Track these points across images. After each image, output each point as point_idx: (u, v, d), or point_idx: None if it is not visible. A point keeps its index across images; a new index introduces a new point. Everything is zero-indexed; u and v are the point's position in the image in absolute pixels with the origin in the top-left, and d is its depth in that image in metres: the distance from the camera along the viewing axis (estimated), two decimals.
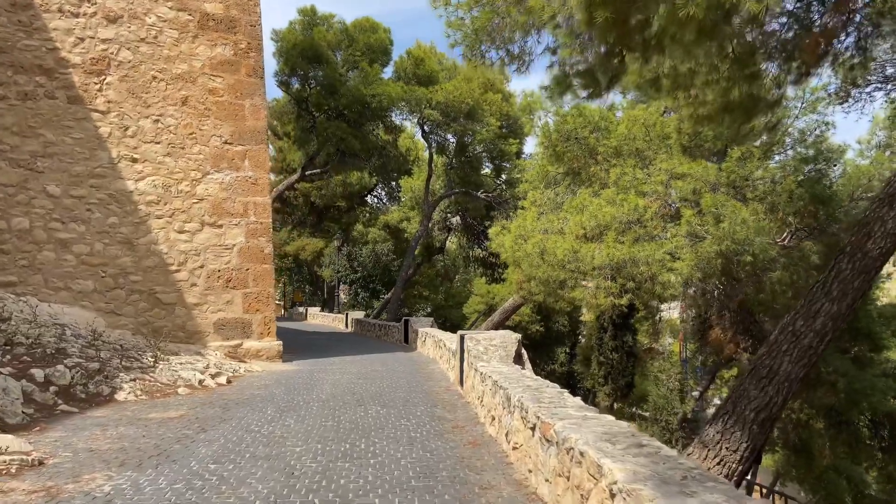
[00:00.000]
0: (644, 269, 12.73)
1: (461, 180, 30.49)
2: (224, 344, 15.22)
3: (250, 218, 15.80)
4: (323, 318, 40.90)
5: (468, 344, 10.08)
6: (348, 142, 25.59)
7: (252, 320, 15.61)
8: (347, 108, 26.41)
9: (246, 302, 15.61)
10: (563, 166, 17.30)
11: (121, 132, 14.91)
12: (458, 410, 9.04)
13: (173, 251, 15.10)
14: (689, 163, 13.65)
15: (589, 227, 14.37)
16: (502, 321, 21.48)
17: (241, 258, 15.65)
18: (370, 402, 9.58)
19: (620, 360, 20.29)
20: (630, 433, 4.56)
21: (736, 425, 7.50)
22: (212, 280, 15.36)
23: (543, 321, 28.95)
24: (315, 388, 10.90)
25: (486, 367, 8.58)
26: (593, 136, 16.12)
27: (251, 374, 13.02)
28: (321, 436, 7.17)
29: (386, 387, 11.24)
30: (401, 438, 7.13)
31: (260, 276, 15.77)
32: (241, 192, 15.78)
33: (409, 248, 31.24)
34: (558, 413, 5.32)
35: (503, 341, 10.10)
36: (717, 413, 8.12)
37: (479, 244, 36.35)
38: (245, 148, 15.87)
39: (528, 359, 12.55)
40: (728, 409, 7.81)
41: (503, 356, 9.62)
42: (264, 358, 15.49)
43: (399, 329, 23.55)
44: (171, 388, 10.19)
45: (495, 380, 7.43)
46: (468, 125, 27.30)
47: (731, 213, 12.48)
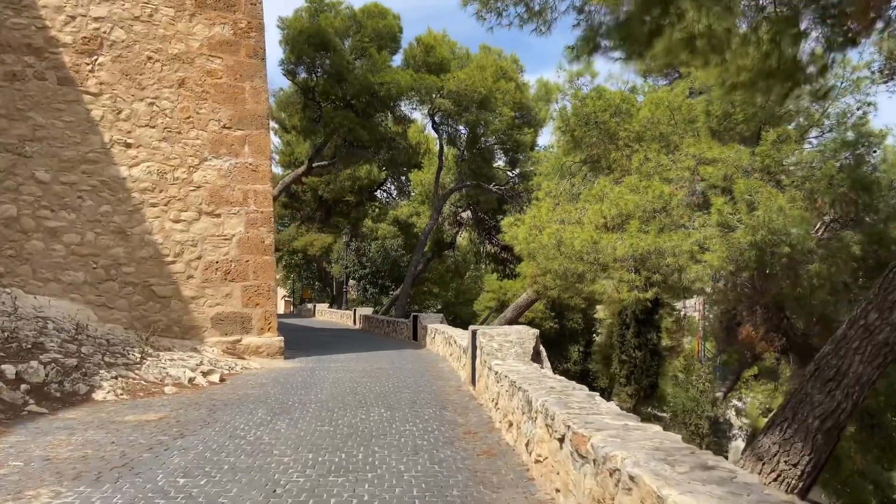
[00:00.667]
0: (671, 261, 11.77)
1: (473, 173, 29.52)
2: (222, 340, 14.39)
3: (250, 207, 14.96)
4: (331, 315, 40.11)
5: (481, 340, 9.18)
6: (356, 132, 24.71)
7: (252, 315, 14.78)
8: (355, 98, 25.53)
9: (245, 295, 14.78)
10: (581, 153, 16.35)
11: (114, 115, 14.11)
12: (469, 414, 8.13)
13: (169, 241, 14.30)
14: (719, 147, 12.65)
15: (610, 217, 13.42)
16: (515, 318, 20.54)
17: (240, 249, 14.81)
18: (373, 403, 8.70)
19: (644, 359, 19.21)
20: (689, 450, 3.64)
21: (797, 435, 6.54)
22: (209, 272, 14.54)
23: (557, 318, 28.00)
24: (314, 388, 10.03)
25: (502, 365, 7.67)
26: (614, 121, 15.15)
27: (248, 372, 12.18)
28: (314, 443, 6.28)
29: (391, 386, 10.36)
30: (405, 447, 6.24)
31: (260, 269, 14.93)
32: (241, 180, 14.94)
33: (419, 243, 30.35)
34: (593, 422, 4.40)
35: (519, 337, 9.19)
36: (774, 421, 7.15)
37: (490, 239, 35.38)
38: (245, 133, 15.03)
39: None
40: (787, 416, 6.84)
41: (520, 353, 8.71)
42: (265, 354, 14.66)
43: (408, 326, 22.68)
44: (157, 387, 9.35)
45: (512, 380, 6.52)
46: (480, 115, 26.34)
47: (767, 201, 11.48)
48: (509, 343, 9.03)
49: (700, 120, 14.08)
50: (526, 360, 8.47)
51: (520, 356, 8.65)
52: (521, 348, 8.90)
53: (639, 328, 19.41)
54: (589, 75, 15.53)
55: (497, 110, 26.45)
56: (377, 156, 30.05)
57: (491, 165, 29.85)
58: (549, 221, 14.55)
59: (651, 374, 19.25)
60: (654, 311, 19.11)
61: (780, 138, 12.54)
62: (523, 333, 9.34)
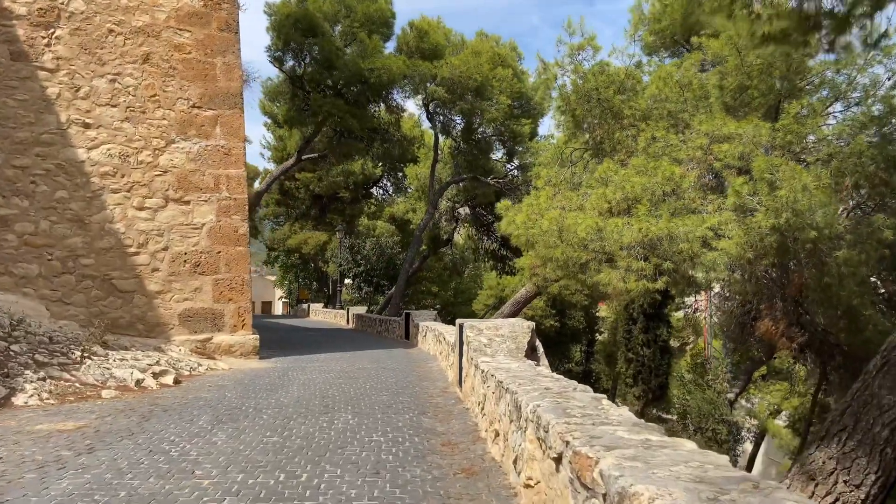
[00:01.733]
0: (685, 247, 10.51)
1: (469, 165, 28.28)
2: (191, 338, 13.16)
3: (222, 193, 13.74)
4: (325, 315, 38.90)
5: (468, 334, 7.94)
6: (345, 121, 23.48)
7: (224, 311, 13.55)
8: (345, 86, 24.32)
9: (217, 290, 13.55)
10: (583, 135, 15.09)
11: (71, 93, 12.91)
12: (452, 420, 6.89)
13: (132, 231, 13.08)
14: (735, 122, 11.39)
15: (615, 201, 12.17)
16: (513, 314, 19.29)
17: (211, 239, 13.59)
18: (341, 408, 7.46)
19: (653, 357, 17.76)
20: (749, 482, 2.40)
21: (860, 448, 5.29)
22: (177, 264, 13.32)
23: (558, 316, 26.73)
24: (280, 390, 8.79)
25: (489, 362, 6.43)
26: (618, 98, 13.88)
27: (213, 374, 10.95)
28: (251, 460, 5.05)
29: (368, 388, 9.11)
30: (364, 464, 5.00)
31: (233, 260, 13.70)
32: (212, 164, 13.72)
33: (414, 239, 29.09)
34: (601, 436, 3.17)
35: (512, 331, 7.95)
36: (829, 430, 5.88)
37: (489, 235, 34.14)
38: (216, 113, 13.81)
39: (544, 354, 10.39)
40: (846, 423, 5.59)
41: (512, 349, 7.47)
42: (238, 354, 13.43)
43: (400, 324, 21.45)
44: (95, 390, 8.12)
45: (500, 380, 5.29)
46: (476, 103, 25.09)
47: (791, 179, 10.22)
48: (500, 338, 7.79)
49: (713, 95, 12.82)
50: (519, 357, 7.24)
51: (512, 352, 7.42)
52: (514, 343, 7.67)
53: (647, 323, 17.92)
54: (591, 48, 14.28)
55: (494, 99, 25.20)
56: (370, 149, 28.83)
57: (488, 157, 28.61)
58: (549, 209, 13.31)
59: (661, 374, 17.76)
60: (663, 305, 17.67)
61: (803, 111, 11.30)
62: (516, 327, 8.10)
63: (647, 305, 17.02)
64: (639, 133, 13.70)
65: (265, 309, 79.58)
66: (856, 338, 13.48)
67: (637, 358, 17.75)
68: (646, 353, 17.63)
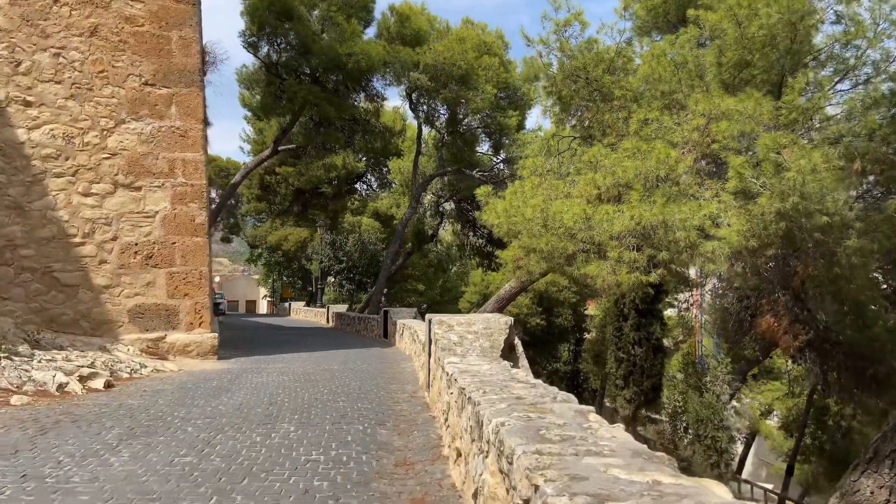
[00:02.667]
0: (682, 236, 9.52)
1: (454, 158, 27.19)
2: (142, 337, 12.03)
3: (178, 178, 12.61)
4: (306, 314, 37.76)
5: (436, 331, 6.90)
6: (323, 108, 22.32)
7: (179, 307, 12.42)
8: (323, 73, 23.17)
9: (171, 284, 12.42)
10: (570, 118, 14.08)
11: (11, 68, 11.75)
12: (414, 432, 5.84)
13: (77, 219, 11.94)
14: (734, 99, 10.40)
15: (605, 187, 11.16)
16: (497, 311, 18.25)
17: (165, 229, 12.46)
18: (286, 417, 6.39)
19: (646, 357, 16.58)
20: None
21: None
22: (127, 256, 12.18)
23: (545, 314, 25.72)
24: (223, 396, 7.70)
25: (457, 364, 5.39)
26: (608, 78, 12.88)
27: (157, 376, 9.83)
28: (142, 490, 3.97)
29: (326, 393, 8.04)
30: (288, 494, 3.94)
31: (190, 252, 12.58)
32: (167, 146, 12.59)
33: (396, 234, 27.96)
34: (586, 475, 2.12)
35: (487, 327, 6.90)
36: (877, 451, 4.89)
37: (474, 231, 33.12)
38: (171, 91, 12.68)
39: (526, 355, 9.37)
40: None
41: (486, 348, 6.43)
42: (194, 354, 12.30)
43: (378, 323, 20.39)
44: (5, 395, 7.00)
45: (462, 386, 4.24)
46: (461, 92, 24.00)
47: (799, 159, 9.24)
48: (473, 335, 6.75)
49: (710, 73, 11.84)
50: (493, 357, 6.19)
51: (486, 352, 6.37)
52: (489, 341, 6.62)
53: (639, 320, 16.69)
54: (578, 24, 13.24)
55: (479, 88, 24.12)
56: (351, 141, 27.66)
57: (473, 150, 27.53)
58: (534, 196, 12.29)
59: (653, 375, 16.56)
60: (655, 300, 16.52)
61: (809, 87, 10.34)
62: (492, 323, 7.05)
63: (639, 301, 15.89)
64: (630, 115, 12.71)
65: (249, 308, 78.40)
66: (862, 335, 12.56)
67: (628, 357, 16.55)
68: (637, 353, 16.43)
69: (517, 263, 13.15)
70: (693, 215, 9.86)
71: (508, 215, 11.59)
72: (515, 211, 11.53)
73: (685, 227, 9.82)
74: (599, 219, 10.83)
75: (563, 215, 10.92)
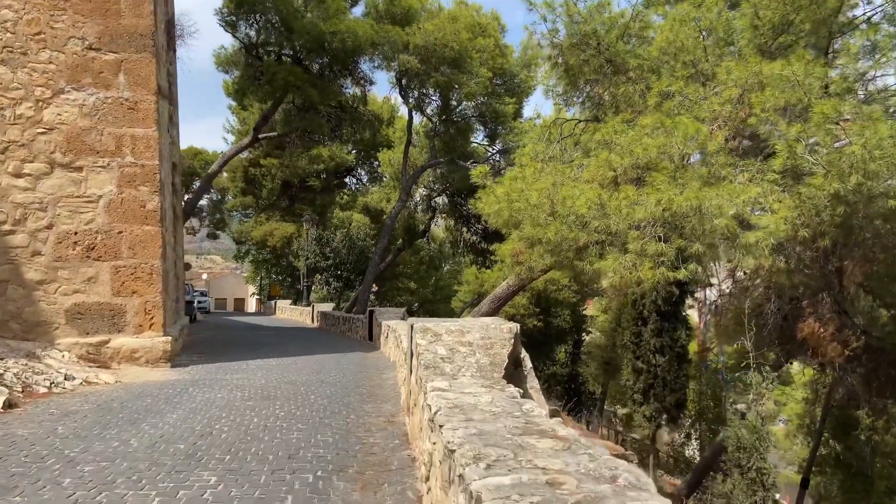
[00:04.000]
0: (720, 225, 7.90)
1: (446, 147, 25.50)
2: (81, 341, 10.32)
3: (126, 158, 10.89)
4: (291, 313, 35.99)
5: (419, 342, 5.23)
6: (305, 91, 20.61)
7: (126, 306, 10.71)
8: (305, 54, 21.48)
9: (118, 280, 10.71)
10: (578, 93, 12.46)
11: None
12: (384, 486, 4.19)
13: (6, 203, 10.24)
14: (779, 63, 8.79)
15: (622, 168, 9.55)
16: (492, 312, 16.59)
17: (110, 216, 10.75)
18: (212, 460, 4.72)
19: (668, 367, 14.69)
20: None
21: None
22: (65, 247, 10.47)
23: (543, 314, 24.08)
24: (146, 423, 6.02)
25: (445, 393, 3.74)
26: (622, 45, 11.27)
27: (84, 391, 8.13)
28: None
29: (282, 416, 6.38)
30: None
31: (139, 243, 10.87)
32: (113, 121, 10.87)
33: (385, 228, 26.22)
34: None
35: (485, 337, 5.25)
36: None
37: (468, 227, 31.45)
38: (120, 57, 10.96)
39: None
40: None
41: (484, 366, 4.78)
42: (142, 361, 10.59)
43: (364, 323, 18.73)
44: None
45: (448, 442, 2.58)
46: (454, 76, 22.31)
47: (863, 132, 7.63)
48: (467, 347, 5.09)
49: (743, 38, 10.23)
50: (493, 378, 4.54)
51: (484, 370, 4.72)
52: (488, 356, 4.97)
53: (661, 324, 14.88)
54: None
55: (473, 71, 22.47)
56: (338, 129, 25.94)
57: (467, 139, 25.85)
58: (538, 180, 10.66)
59: (678, 388, 14.66)
60: (680, 301, 14.70)
61: (867, 46, 8.75)
62: (492, 331, 5.39)
63: (662, 301, 14.11)
64: (648, 88, 11.09)
65: (238, 306, 76.65)
66: None
67: (648, 368, 14.65)
68: (659, 362, 14.53)
69: (517, 258, 11.51)
70: (732, 200, 8.24)
71: (510, 200, 9.95)
72: (518, 195, 9.88)
73: (722, 214, 8.19)
74: (617, 205, 9.21)
75: (574, 201, 9.29)
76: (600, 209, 9.20)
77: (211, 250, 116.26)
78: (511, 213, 9.91)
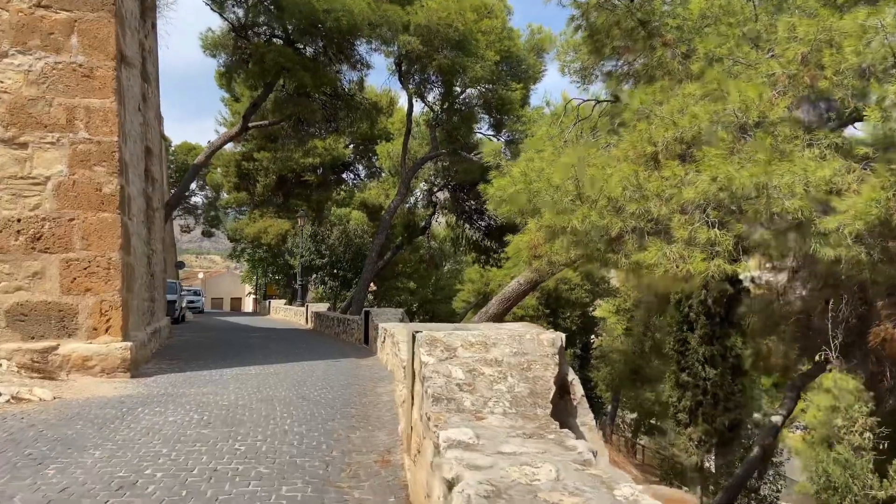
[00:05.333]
0: (794, 207, 6.35)
1: (449, 137, 23.93)
2: (23, 346, 8.77)
3: (79, 133, 9.34)
4: (286, 313, 34.42)
5: (424, 359, 3.66)
6: (296, 74, 19.08)
7: (78, 307, 9.16)
8: (297, 34, 19.93)
9: (68, 275, 9.16)
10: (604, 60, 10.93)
11: None
12: None
13: None
14: (863, 12, 7.25)
15: (664, 142, 8.00)
16: (501, 314, 15.05)
17: (60, 201, 9.20)
18: None
19: (721, 381, 12.73)
20: None
21: None
22: (6, 236, 8.93)
23: (552, 316, 22.55)
24: (54, 464, 4.48)
25: (467, 458, 2.19)
26: (659, 1, 9.74)
27: (7, 411, 6.57)
28: None
29: (241, 454, 4.83)
30: None
31: (95, 233, 9.32)
32: (65, 90, 9.33)
33: (382, 224, 24.63)
34: None
35: (518, 352, 3.68)
36: None
37: (471, 223, 29.89)
38: (73, 16, 9.40)
39: None
40: None
41: (521, 398, 3.22)
42: (97, 371, 9.03)
43: (359, 325, 17.17)
44: None
45: None
46: (458, 59, 20.78)
47: None
48: (494, 368, 3.53)
49: None
50: (539, 419, 2.99)
51: (521, 405, 3.17)
52: (525, 381, 3.41)
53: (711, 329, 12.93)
54: None
55: (479, 54, 20.93)
56: (334, 120, 24.34)
57: (471, 128, 24.25)
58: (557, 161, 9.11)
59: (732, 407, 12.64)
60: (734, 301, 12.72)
61: None
62: (527, 343, 3.81)
63: (713, 302, 12.25)
64: (689, 54, 9.54)
65: (234, 306, 75.19)
66: None
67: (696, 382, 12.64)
68: (710, 375, 12.55)
69: (535, 252, 9.94)
70: (806, 178, 6.69)
71: (528, 181, 8.38)
72: (538, 175, 8.32)
73: (795, 195, 6.64)
74: (659, 185, 7.65)
75: (606, 181, 7.73)
76: (637, 190, 7.66)
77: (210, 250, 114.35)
78: (529, 197, 8.35)
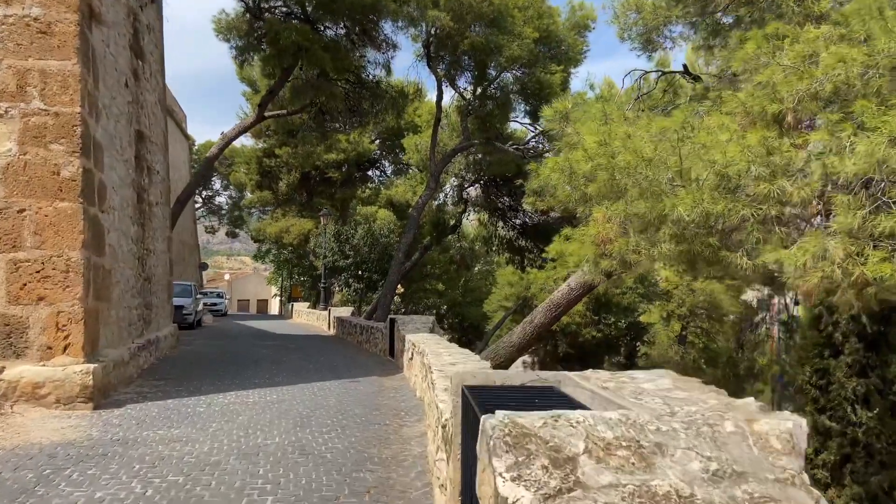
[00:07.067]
0: None
1: (482, 127, 21.86)
2: None
3: (32, 103, 7.49)
4: (308, 317, 32.62)
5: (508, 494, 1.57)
6: (315, 55, 17.20)
7: (29, 319, 7.30)
8: (317, 12, 18.10)
9: (17, 280, 7.31)
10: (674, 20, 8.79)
11: None
12: None
13: None
14: None
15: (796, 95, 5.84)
16: (549, 322, 12.91)
17: (7, 186, 7.36)
18: None
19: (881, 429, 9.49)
20: None
21: None
22: None
23: (598, 323, 20.32)
24: None
25: None
26: None
27: None
28: None
29: None
30: None
31: (51, 226, 7.46)
32: (13, 49, 7.50)
33: (410, 221, 22.64)
34: None
35: (720, 474, 1.57)
36: None
37: (504, 221, 27.76)
38: None
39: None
40: None
41: None
42: (52, 401, 7.15)
43: (384, 333, 15.19)
44: None
45: None
46: (492, 37, 18.71)
47: None
48: None
49: None
50: None
51: None
52: None
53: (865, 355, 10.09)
54: None
55: (516, 32, 18.84)
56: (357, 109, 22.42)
57: (506, 116, 22.13)
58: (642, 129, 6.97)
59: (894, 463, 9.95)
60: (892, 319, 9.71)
61: None
62: (733, 445, 1.72)
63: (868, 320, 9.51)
64: None
65: (261, 308, 74.01)
66: None
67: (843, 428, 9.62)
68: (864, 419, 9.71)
69: (603, 247, 7.78)
70: None
71: (608, 154, 6.28)
72: (621, 144, 6.22)
73: None
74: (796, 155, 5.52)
75: (723, 151, 5.61)
76: (765, 164, 5.51)
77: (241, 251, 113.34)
78: (609, 171, 6.22)
